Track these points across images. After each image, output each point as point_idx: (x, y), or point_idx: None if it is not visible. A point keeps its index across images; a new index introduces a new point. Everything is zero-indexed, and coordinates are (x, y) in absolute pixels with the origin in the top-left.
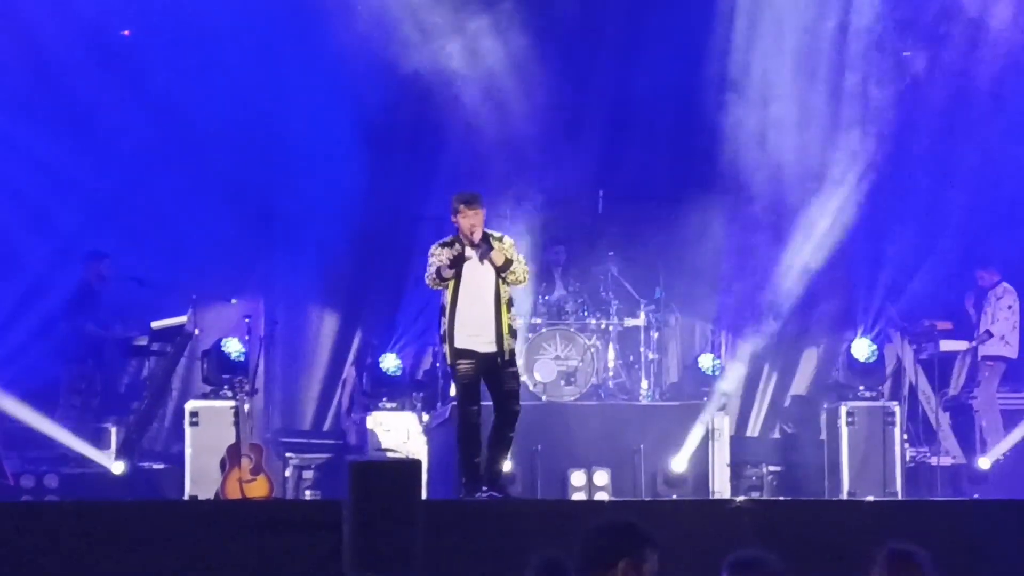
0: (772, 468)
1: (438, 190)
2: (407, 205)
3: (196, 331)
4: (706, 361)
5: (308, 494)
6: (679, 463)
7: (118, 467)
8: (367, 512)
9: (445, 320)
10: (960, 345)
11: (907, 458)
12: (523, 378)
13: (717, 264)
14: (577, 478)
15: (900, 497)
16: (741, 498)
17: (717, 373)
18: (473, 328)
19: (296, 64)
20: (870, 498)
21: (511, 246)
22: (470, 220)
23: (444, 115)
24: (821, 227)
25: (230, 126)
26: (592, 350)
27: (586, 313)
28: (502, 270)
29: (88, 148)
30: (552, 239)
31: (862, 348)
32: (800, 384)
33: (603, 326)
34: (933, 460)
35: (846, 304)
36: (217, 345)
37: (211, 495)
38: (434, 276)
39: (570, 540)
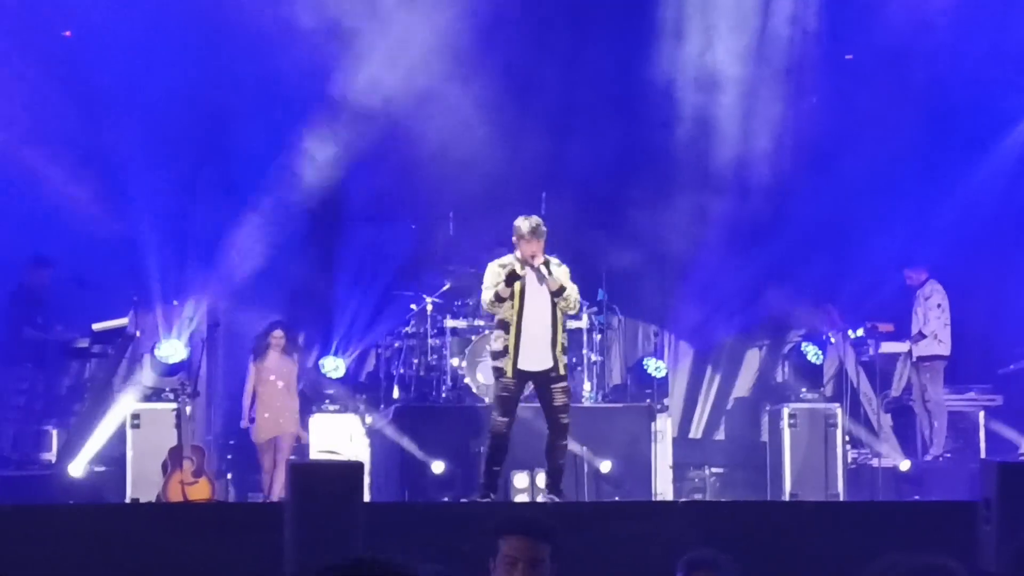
0: (715, 470)
1: (379, 191)
2: (349, 207)
3: (137, 333)
4: (650, 364)
5: (251, 496)
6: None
7: (76, 469)
8: (308, 514)
9: (508, 337)
10: (901, 347)
11: (849, 460)
12: (466, 380)
13: (660, 266)
14: (520, 480)
15: (842, 499)
16: (683, 500)
17: (661, 375)
18: (531, 348)
19: (236, 66)
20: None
21: (566, 273)
22: (532, 248)
23: (383, 118)
24: (763, 228)
25: (172, 128)
26: None
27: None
28: (556, 295)
29: (29, 148)
30: (494, 241)
31: (810, 350)
32: (742, 386)
33: None
34: (874, 462)
35: (788, 306)
36: (153, 347)
37: (152, 498)
38: (492, 299)
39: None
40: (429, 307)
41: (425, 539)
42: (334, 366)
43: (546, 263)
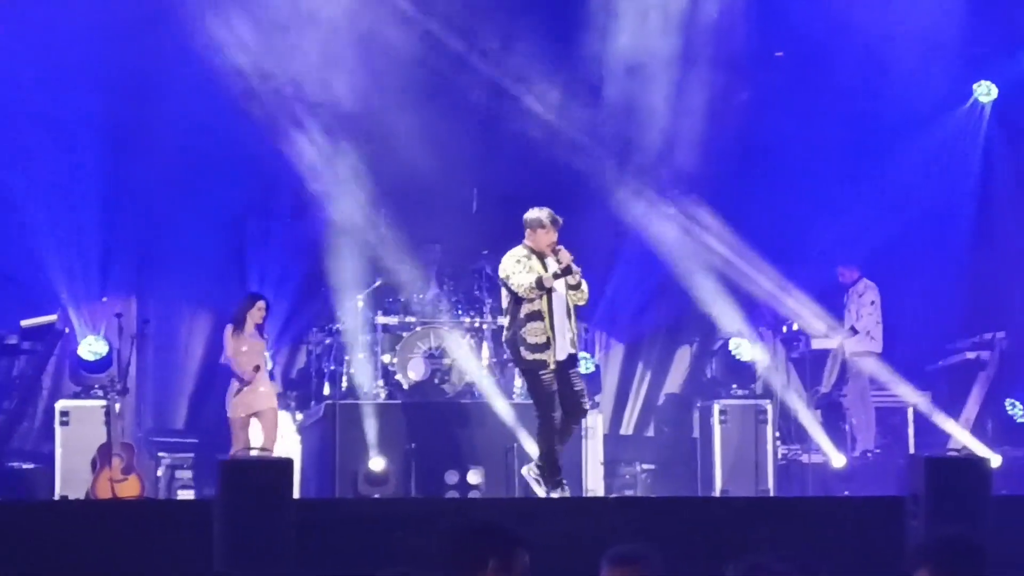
0: (646, 466)
1: (307, 187)
2: (280, 203)
3: (66, 329)
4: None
5: (181, 493)
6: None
7: None
8: (238, 511)
9: (545, 327)
10: (831, 343)
11: (779, 456)
12: (397, 376)
13: (592, 262)
14: (451, 477)
15: (772, 494)
16: (614, 496)
17: (590, 372)
18: (562, 337)
19: (166, 65)
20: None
21: (577, 270)
22: (552, 237)
23: (312, 114)
24: (694, 226)
25: (102, 122)
26: (466, 348)
27: (460, 312)
28: (575, 288)
29: None
30: (426, 237)
31: (744, 348)
32: (674, 383)
33: (477, 324)
34: (804, 458)
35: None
36: (78, 344)
37: (82, 495)
38: (533, 285)
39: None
40: (360, 304)
41: (355, 536)
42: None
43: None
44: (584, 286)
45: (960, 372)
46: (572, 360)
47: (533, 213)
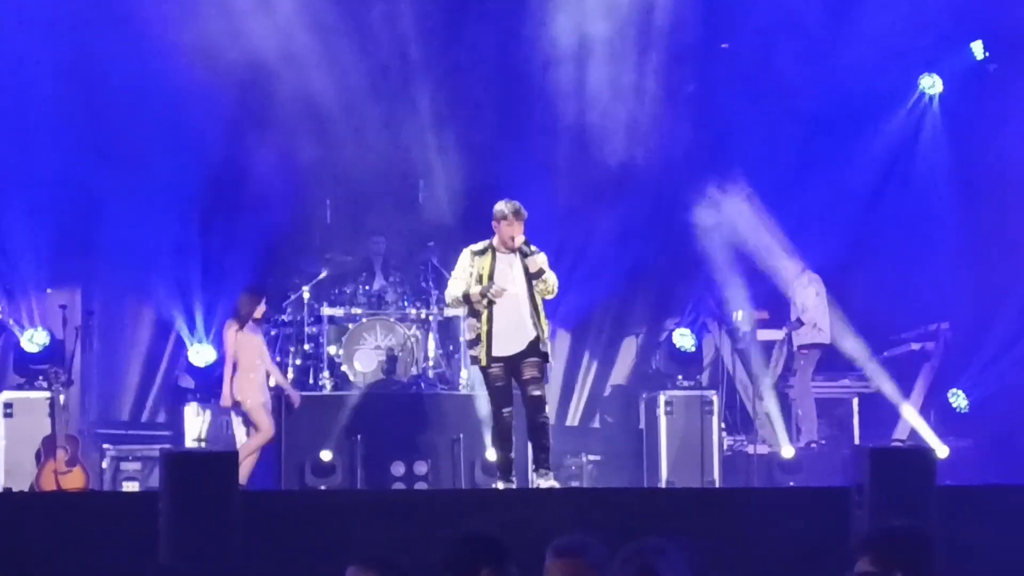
0: (592, 457)
1: (258, 177)
2: (225, 194)
3: (10, 321)
4: None
5: (126, 485)
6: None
7: None
8: (183, 502)
9: (480, 326)
10: (777, 334)
11: (724, 447)
12: (343, 368)
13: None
14: (397, 468)
15: (717, 485)
16: (560, 487)
17: None
18: (506, 333)
19: (114, 54)
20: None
21: (544, 259)
22: (513, 230)
23: (258, 102)
24: (641, 216)
25: (47, 110)
26: (412, 340)
27: (406, 303)
28: (535, 277)
29: None
30: (372, 229)
31: (684, 338)
32: (619, 374)
33: (423, 316)
34: (750, 448)
35: (665, 294)
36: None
37: (26, 487)
38: (459, 298)
39: (390, 529)
40: (306, 295)
41: (301, 527)
42: (200, 353)
43: (525, 244)
44: (548, 276)
45: (905, 363)
46: (531, 351)
47: (498, 205)
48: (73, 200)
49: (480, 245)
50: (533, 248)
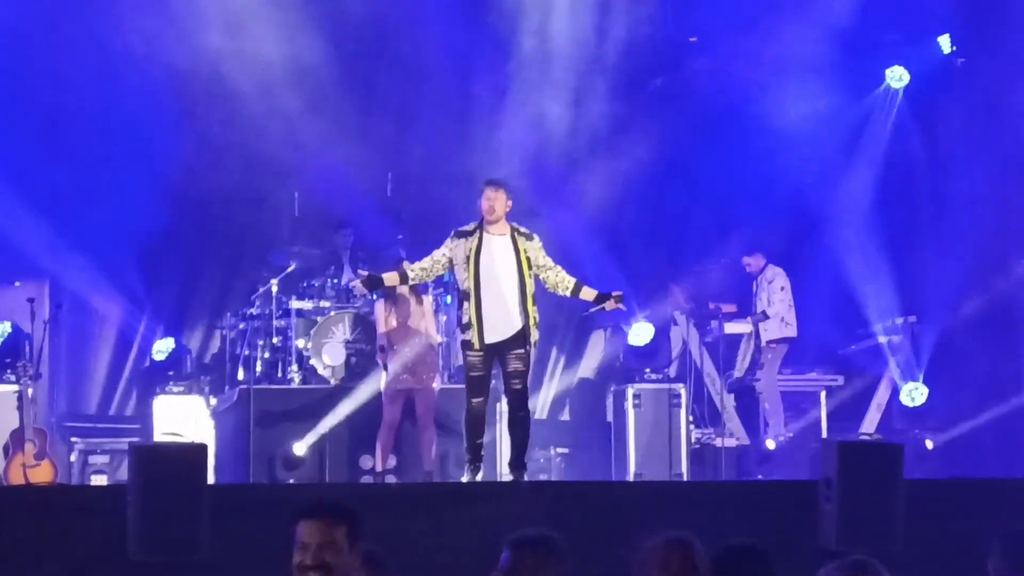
0: (560, 450)
1: (226, 170)
2: (197, 187)
3: None
4: None
5: (95, 479)
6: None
7: None
8: (152, 496)
9: (469, 307)
10: (744, 327)
11: (692, 440)
12: (312, 362)
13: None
14: (366, 462)
15: (685, 478)
16: (528, 480)
17: None
18: (492, 322)
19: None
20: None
21: (537, 246)
22: (489, 202)
23: (228, 96)
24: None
25: (13, 103)
26: None
27: (375, 296)
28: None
29: None
30: (340, 222)
31: (638, 336)
32: (587, 367)
33: None
34: (718, 442)
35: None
36: None
37: None
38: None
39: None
40: (274, 288)
41: (269, 521)
42: (162, 348)
43: (514, 231)
44: (557, 274)
45: (872, 356)
46: (517, 342)
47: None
48: (41, 193)
49: (469, 226)
50: (526, 232)
